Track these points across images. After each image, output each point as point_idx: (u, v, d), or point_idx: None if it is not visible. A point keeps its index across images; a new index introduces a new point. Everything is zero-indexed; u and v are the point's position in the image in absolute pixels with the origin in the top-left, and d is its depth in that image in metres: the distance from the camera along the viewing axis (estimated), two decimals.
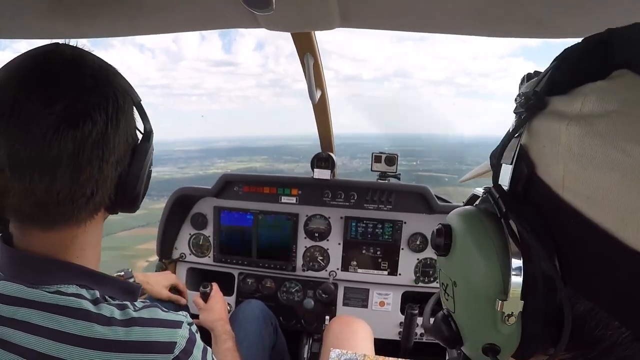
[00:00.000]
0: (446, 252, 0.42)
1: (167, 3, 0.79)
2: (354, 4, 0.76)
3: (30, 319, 0.61)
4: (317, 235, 1.85)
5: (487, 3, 0.68)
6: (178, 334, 0.67)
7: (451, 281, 0.42)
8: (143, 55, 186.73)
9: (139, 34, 0.99)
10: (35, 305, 0.62)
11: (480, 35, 0.84)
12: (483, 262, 0.38)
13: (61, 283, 0.64)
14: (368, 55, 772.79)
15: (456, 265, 0.41)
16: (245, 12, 0.77)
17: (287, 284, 1.92)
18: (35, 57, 0.63)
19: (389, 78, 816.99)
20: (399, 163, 1.88)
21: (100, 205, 0.68)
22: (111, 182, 0.66)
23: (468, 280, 0.39)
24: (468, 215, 0.41)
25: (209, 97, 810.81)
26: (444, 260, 0.43)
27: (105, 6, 0.79)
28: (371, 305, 1.86)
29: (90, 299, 0.64)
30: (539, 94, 0.37)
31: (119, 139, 0.65)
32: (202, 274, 1.99)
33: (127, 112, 0.68)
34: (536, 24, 0.72)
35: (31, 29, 0.91)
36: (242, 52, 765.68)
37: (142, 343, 0.63)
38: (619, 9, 0.64)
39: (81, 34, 0.94)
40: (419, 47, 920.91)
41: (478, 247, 0.38)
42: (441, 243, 0.42)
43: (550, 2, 0.64)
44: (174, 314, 0.70)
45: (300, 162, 36.03)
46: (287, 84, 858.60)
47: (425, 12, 0.77)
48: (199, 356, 0.70)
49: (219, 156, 51.61)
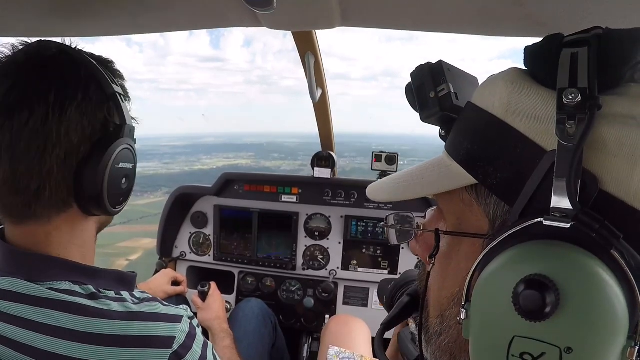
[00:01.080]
0: (549, 314, 0.30)
1: (168, 2, 0.79)
2: (355, 3, 0.76)
3: (25, 315, 0.60)
4: (318, 234, 1.85)
5: (488, 2, 0.68)
6: (177, 329, 0.66)
7: (560, 348, 0.31)
8: (131, 49, 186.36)
9: (139, 33, 0.99)
10: (30, 300, 0.61)
11: (480, 34, 0.84)
12: (610, 313, 0.30)
13: (54, 280, 0.64)
14: (357, 54, 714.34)
15: (569, 325, 0.30)
16: (246, 11, 0.77)
17: (287, 283, 1.92)
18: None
19: (378, 77, 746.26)
20: None
21: (58, 201, 0.64)
22: (63, 177, 0.63)
23: (593, 338, 0.30)
24: (576, 262, 0.31)
25: (197, 93, 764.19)
26: (535, 325, 0.31)
27: (106, 5, 0.79)
28: (371, 304, 1.86)
29: (86, 294, 0.64)
30: (594, 94, 0.32)
31: (66, 130, 0.61)
32: (203, 272, 1.99)
33: (85, 103, 0.63)
34: (536, 24, 0.72)
35: (31, 28, 0.91)
36: (230, 48, 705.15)
37: (141, 337, 0.63)
38: (619, 9, 0.64)
39: (81, 32, 0.94)
40: (407, 47, 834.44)
41: (604, 297, 0.30)
42: (543, 304, 0.30)
43: (550, 2, 0.64)
44: (174, 308, 0.69)
45: (286, 159, 35.96)
46: (275, 81, 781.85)
47: (426, 11, 0.77)
48: (198, 351, 0.69)
49: (205, 152, 51.57)
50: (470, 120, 0.42)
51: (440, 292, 0.45)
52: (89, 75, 0.66)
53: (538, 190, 0.34)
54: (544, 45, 0.37)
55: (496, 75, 0.41)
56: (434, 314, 0.46)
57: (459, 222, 0.43)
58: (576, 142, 0.32)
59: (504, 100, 0.38)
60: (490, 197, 0.38)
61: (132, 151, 0.71)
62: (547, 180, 0.33)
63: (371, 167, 1.89)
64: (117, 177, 0.68)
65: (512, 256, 0.33)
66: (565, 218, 0.32)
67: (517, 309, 0.31)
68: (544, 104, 0.35)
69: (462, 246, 0.42)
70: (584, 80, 0.33)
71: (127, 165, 0.70)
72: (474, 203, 0.40)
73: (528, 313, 0.30)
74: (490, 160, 0.38)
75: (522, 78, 0.38)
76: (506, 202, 0.37)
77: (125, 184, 0.71)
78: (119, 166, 0.67)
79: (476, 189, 0.40)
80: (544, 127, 0.35)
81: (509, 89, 0.38)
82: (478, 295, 0.35)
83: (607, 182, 0.32)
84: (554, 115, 0.33)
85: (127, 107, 0.70)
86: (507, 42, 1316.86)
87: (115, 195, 0.68)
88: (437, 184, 0.44)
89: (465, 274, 0.39)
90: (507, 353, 0.33)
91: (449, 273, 0.44)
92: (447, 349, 0.43)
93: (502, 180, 0.37)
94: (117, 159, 0.66)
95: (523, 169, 0.35)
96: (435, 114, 0.48)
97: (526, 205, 0.34)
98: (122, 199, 0.72)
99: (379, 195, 0.52)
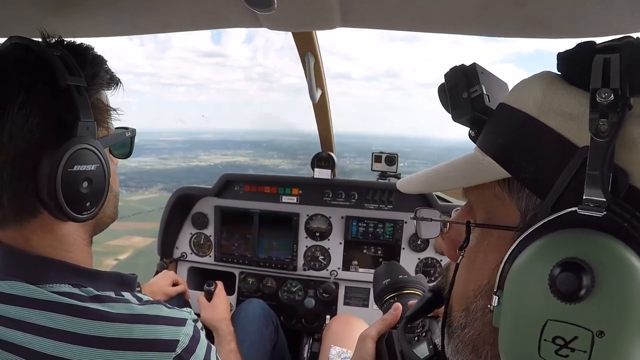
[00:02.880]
0: (583, 297, 0.31)
1: (169, 2, 0.79)
2: (355, 4, 0.76)
3: (25, 318, 0.59)
4: (318, 235, 1.85)
5: (488, 3, 0.68)
6: (181, 332, 0.65)
7: (592, 332, 0.32)
8: (131, 41, 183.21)
9: (140, 33, 1.00)
10: (30, 303, 0.60)
11: (481, 35, 0.84)
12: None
13: (53, 282, 0.63)
14: (359, 53, 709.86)
15: (602, 309, 0.32)
16: (246, 12, 0.77)
17: (288, 284, 1.92)
18: None
19: (379, 78, 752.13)
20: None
21: (22, 207, 0.62)
22: (19, 184, 0.60)
23: (624, 322, 0.32)
24: (610, 248, 0.33)
25: (197, 89, 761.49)
26: (569, 307, 0.32)
27: (107, 6, 0.79)
28: (372, 305, 1.86)
29: (87, 296, 0.63)
30: (625, 95, 0.35)
31: (9, 136, 0.58)
32: (203, 273, 1.99)
33: (29, 103, 0.58)
34: (536, 24, 0.72)
35: (30, 29, 0.91)
36: (231, 44, 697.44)
37: (145, 341, 0.62)
38: (619, 9, 0.64)
39: (82, 33, 0.94)
40: (410, 48, 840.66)
41: (636, 283, 0.31)
42: (578, 286, 0.31)
43: (551, 2, 0.64)
44: (178, 311, 0.68)
45: (285, 158, 35.85)
46: (276, 78, 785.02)
47: (426, 12, 0.77)
48: (202, 355, 0.68)
49: (203, 148, 51.32)
50: (503, 118, 0.45)
51: (466, 285, 0.46)
52: (39, 69, 0.60)
53: (570, 184, 0.36)
54: (577, 51, 0.39)
55: (530, 78, 0.44)
56: (458, 307, 0.47)
57: (488, 216, 0.45)
58: (609, 138, 0.34)
59: (538, 99, 0.40)
60: (523, 191, 0.40)
61: (94, 151, 0.64)
62: (579, 175, 0.35)
63: (371, 168, 1.90)
64: (73, 181, 0.62)
65: (548, 242, 0.35)
66: (598, 208, 0.33)
67: (553, 290, 0.32)
68: (576, 103, 0.38)
69: (491, 239, 0.44)
70: (616, 82, 0.35)
71: (87, 167, 0.63)
72: (505, 196, 0.42)
73: (563, 295, 0.32)
74: (523, 155, 0.40)
75: (556, 79, 0.40)
76: (537, 195, 0.39)
77: (88, 188, 0.64)
78: (73, 169, 0.61)
79: (509, 182, 0.42)
80: (576, 124, 0.37)
81: (543, 89, 0.40)
82: (512, 281, 0.36)
83: (636, 178, 0.34)
84: (585, 113, 0.36)
85: (86, 100, 0.63)
86: (510, 46, 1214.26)
87: (75, 201, 0.62)
88: (470, 177, 0.46)
89: (494, 266, 0.41)
90: (540, 337, 0.34)
91: (475, 266, 0.45)
92: (470, 341, 0.45)
93: (534, 174, 0.39)
94: (71, 161, 0.61)
95: (554, 163, 0.37)
96: (467, 115, 0.50)
97: (558, 198, 0.36)
98: (90, 204, 0.65)
99: (410, 186, 0.54)
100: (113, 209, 0.77)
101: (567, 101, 0.38)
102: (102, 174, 0.66)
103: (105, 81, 0.70)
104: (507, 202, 0.42)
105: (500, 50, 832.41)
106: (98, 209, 0.67)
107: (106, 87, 0.71)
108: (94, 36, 0.97)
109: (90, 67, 0.66)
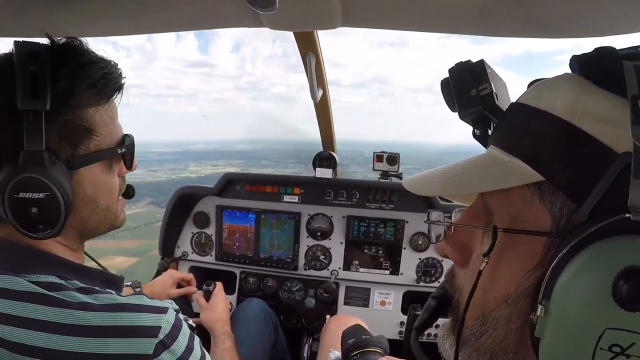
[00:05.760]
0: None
1: (170, 2, 0.79)
2: (356, 4, 0.76)
3: (10, 310, 0.61)
4: (320, 234, 1.85)
5: (488, 3, 0.68)
6: (163, 319, 0.68)
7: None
8: (118, 53, 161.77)
9: (141, 33, 1.00)
10: (15, 295, 0.62)
11: (481, 34, 0.84)
12: None
13: (40, 273, 0.65)
14: (347, 60, 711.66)
15: None
16: (248, 12, 0.78)
17: (288, 283, 1.92)
18: None
19: (368, 84, 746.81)
20: None
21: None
22: None
23: None
24: None
25: (187, 99, 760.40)
26: (630, 315, 0.32)
27: (107, 5, 0.80)
28: (372, 305, 1.86)
29: (72, 288, 0.65)
30: None
31: None
32: (204, 272, 1.99)
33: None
34: (536, 24, 0.72)
35: (32, 28, 0.91)
36: (218, 53, 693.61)
37: (128, 327, 0.64)
38: (618, 9, 0.64)
39: (83, 33, 0.95)
40: (399, 53, 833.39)
41: None
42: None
43: (550, 2, 0.64)
44: (160, 301, 0.71)
45: (277, 167, 35.82)
46: (265, 87, 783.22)
47: (427, 12, 0.77)
48: (184, 342, 0.70)
49: (194, 159, 50.99)
50: (526, 119, 0.43)
51: (486, 292, 0.44)
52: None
53: (610, 190, 0.35)
54: (602, 56, 0.39)
55: (552, 79, 0.43)
56: (472, 315, 0.45)
57: (513, 221, 0.42)
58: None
59: (569, 102, 0.39)
60: (557, 195, 0.39)
61: (40, 179, 0.63)
62: (620, 181, 0.34)
63: (372, 167, 1.90)
64: (19, 207, 0.63)
65: (603, 250, 0.34)
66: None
67: (617, 300, 0.32)
68: (611, 107, 0.37)
69: (518, 245, 0.42)
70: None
71: (32, 195, 0.63)
72: (536, 200, 0.41)
73: (628, 303, 0.31)
74: (558, 159, 0.39)
75: (585, 82, 0.40)
76: (573, 200, 0.38)
77: (38, 213, 0.63)
78: (19, 196, 0.62)
79: (539, 186, 0.40)
80: (615, 130, 0.36)
81: (575, 91, 0.39)
82: (565, 290, 0.35)
83: None
84: (623, 119, 0.35)
85: (41, 127, 0.62)
86: (499, 48, 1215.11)
87: (27, 223, 0.63)
88: (499, 179, 0.43)
89: (523, 273, 0.40)
90: (596, 346, 0.33)
91: (499, 273, 0.43)
92: (487, 350, 0.44)
93: (570, 179, 0.38)
94: (15, 188, 0.62)
95: (592, 169, 0.36)
96: (475, 112, 0.48)
97: (596, 204, 0.35)
98: (43, 227, 0.65)
99: (424, 189, 0.51)
100: (98, 221, 0.76)
101: (602, 106, 0.38)
102: (52, 200, 0.64)
103: (88, 96, 0.68)
104: (536, 207, 0.40)
105: (489, 52, 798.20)
106: (56, 230, 0.66)
107: (95, 103, 0.69)
108: (94, 36, 0.97)
109: (66, 81, 0.65)
